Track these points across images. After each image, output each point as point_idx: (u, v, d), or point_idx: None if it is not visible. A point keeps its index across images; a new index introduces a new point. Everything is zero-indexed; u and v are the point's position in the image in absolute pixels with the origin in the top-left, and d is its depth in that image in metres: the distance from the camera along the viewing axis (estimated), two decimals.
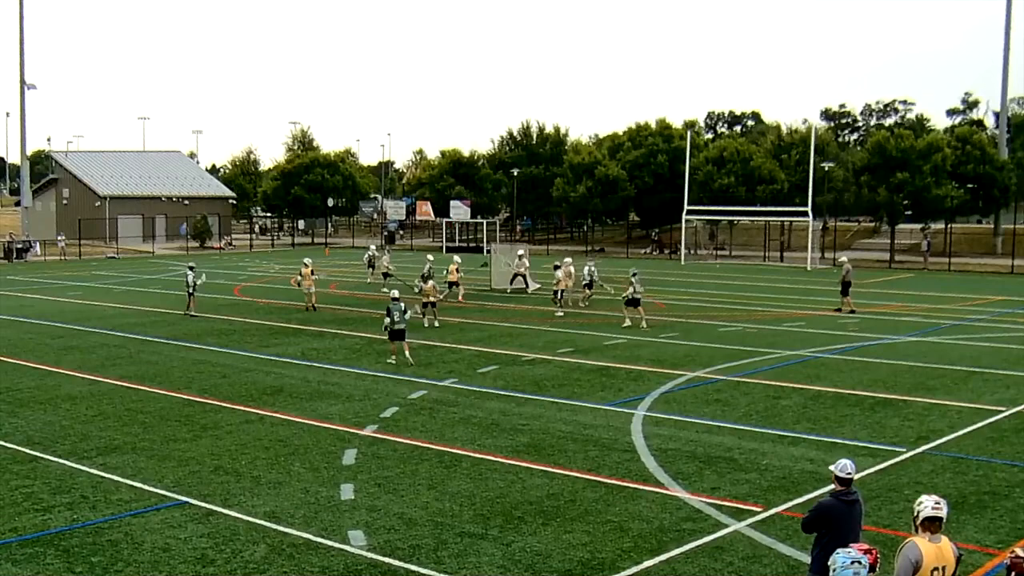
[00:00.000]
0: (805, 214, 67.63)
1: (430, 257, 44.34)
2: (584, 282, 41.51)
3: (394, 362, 26.73)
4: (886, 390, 23.40)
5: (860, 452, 17.74)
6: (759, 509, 14.71)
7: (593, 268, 41.94)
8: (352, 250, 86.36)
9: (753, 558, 12.83)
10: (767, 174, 76.85)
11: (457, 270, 43.14)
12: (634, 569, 12.50)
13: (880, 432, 19.41)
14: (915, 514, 8.86)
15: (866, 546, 8.41)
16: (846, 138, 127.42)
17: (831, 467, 10.28)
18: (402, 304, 27.23)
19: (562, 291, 38.52)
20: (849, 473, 10.07)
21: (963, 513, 14.49)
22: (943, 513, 8.78)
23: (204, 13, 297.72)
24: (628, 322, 34.18)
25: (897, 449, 18.09)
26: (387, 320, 27.05)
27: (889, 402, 22.16)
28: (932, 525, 8.75)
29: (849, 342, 30.98)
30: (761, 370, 26.08)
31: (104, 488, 15.86)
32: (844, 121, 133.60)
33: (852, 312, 38.22)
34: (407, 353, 26.76)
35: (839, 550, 8.27)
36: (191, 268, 38.94)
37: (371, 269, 52.09)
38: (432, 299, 34.53)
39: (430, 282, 35.24)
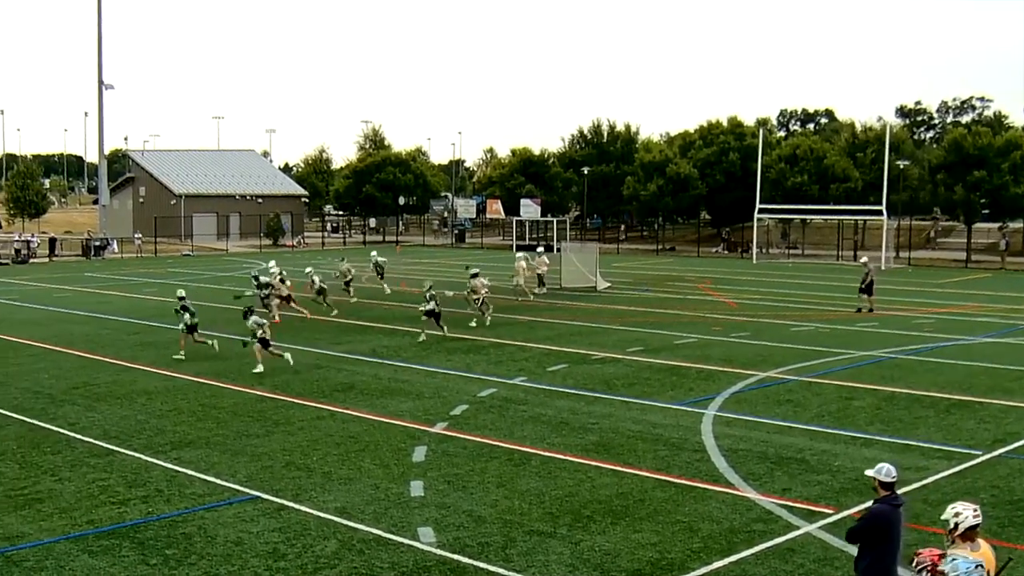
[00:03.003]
0: (880, 213, 66.76)
1: (272, 267, 38.15)
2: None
3: (183, 355, 27.50)
4: (962, 392, 23.02)
5: (934, 455, 17.50)
6: (831, 511, 14.54)
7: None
8: (423, 248, 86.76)
9: (824, 560, 12.69)
10: (841, 172, 75.84)
11: (282, 280, 36.84)
12: (704, 570, 12.42)
13: (955, 434, 19.10)
14: (952, 525, 8.61)
15: (937, 551, 8.29)
16: (922, 136, 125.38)
17: (871, 472, 9.99)
18: (188, 303, 28.95)
19: (484, 298, 34.77)
20: (894, 477, 9.90)
21: None
22: (981, 519, 8.68)
23: (278, 13, 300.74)
24: (423, 336, 30.37)
25: (973, 452, 17.79)
26: (187, 316, 28.28)
27: (965, 404, 21.80)
28: (972, 533, 8.58)
29: (924, 343, 30.52)
30: (834, 371, 25.78)
31: (178, 482, 16.09)
32: (920, 119, 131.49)
33: (870, 311, 37.64)
34: (211, 342, 28.44)
35: (957, 556, 8.12)
36: (312, 271, 39.62)
37: (380, 277, 45.32)
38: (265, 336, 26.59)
39: (250, 319, 26.86)
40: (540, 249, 48.32)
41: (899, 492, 10.03)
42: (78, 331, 32.93)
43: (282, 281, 35.39)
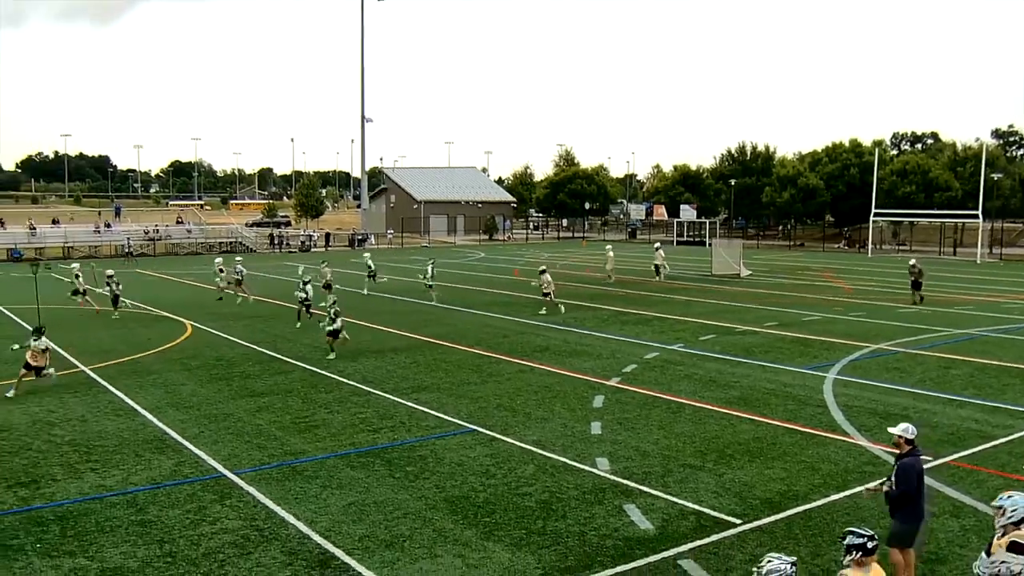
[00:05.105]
0: (976, 217, 63.22)
1: (74, 265, 33.82)
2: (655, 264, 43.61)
3: (118, 315, 27.90)
4: None
5: (1020, 415, 16.48)
6: (930, 458, 13.79)
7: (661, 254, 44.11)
8: (603, 242, 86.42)
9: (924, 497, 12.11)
10: (943, 183, 72.37)
11: (77, 276, 31.67)
12: (823, 501, 12.04)
13: None
14: (1007, 518, 6.95)
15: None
16: (1014, 153, 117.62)
17: (897, 430, 9.36)
18: (113, 281, 29.08)
19: (552, 292, 31.48)
20: (915, 433, 9.34)
21: None
22: None
23: (494, 61, 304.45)
24: (333, 355, 22.48)
25: None
26: (108, 289, 29.01)
27: None
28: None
29: (1012, 323, 28.71)
30: (935, 345, 24.51)
31: (416, 417, 16.50)
32: (1012, 139, 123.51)
33: (914, 304, 33.59)
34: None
35: (1014, 494, 7.32)
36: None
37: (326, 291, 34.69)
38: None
39: (40, 339, 18.64)
40: (657, 245, 47.12)
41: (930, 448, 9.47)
42: (349, 303, 33.97)
43: (77, 277, 31.72)
